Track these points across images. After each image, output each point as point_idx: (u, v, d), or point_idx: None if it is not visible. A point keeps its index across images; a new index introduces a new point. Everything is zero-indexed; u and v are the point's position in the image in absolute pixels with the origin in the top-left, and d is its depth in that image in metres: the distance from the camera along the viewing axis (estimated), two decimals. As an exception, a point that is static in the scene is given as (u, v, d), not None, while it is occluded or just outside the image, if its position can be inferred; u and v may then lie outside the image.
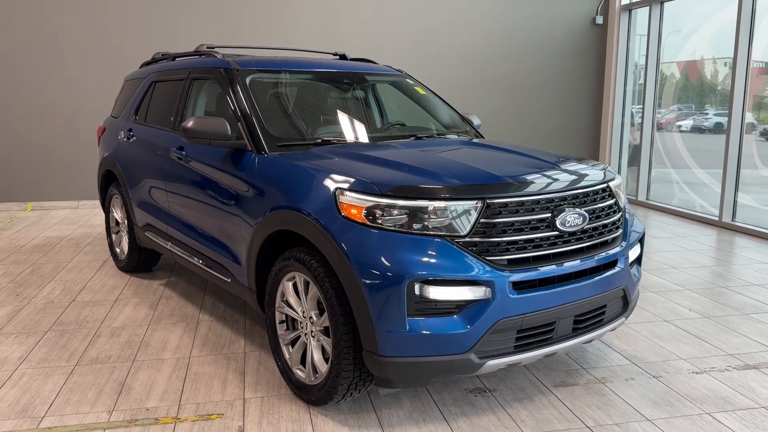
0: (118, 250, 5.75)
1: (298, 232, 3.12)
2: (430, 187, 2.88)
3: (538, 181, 3.08)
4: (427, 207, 2.82)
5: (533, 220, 2.95)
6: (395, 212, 2.82)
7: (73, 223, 7.92)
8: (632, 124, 10.24)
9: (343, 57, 5.34)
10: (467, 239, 2.82)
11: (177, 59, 5.12)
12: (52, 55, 8.66)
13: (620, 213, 3.41)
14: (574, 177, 3.25)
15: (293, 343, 3.36)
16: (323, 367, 3.12)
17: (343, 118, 4.38)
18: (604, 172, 3.45)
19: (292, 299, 3.30)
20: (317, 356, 3.16)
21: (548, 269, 2.95)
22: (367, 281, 2.76)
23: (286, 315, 3.39)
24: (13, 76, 8.60)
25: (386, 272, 2.74)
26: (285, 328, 3.41)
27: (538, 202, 2.98)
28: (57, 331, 4.25)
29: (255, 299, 3.62)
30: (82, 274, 5.62)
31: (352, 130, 4.23)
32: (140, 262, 5.49)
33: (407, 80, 4.85)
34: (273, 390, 3.41)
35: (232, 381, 3.52)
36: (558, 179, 3.17)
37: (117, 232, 5.77)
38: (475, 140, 4.30)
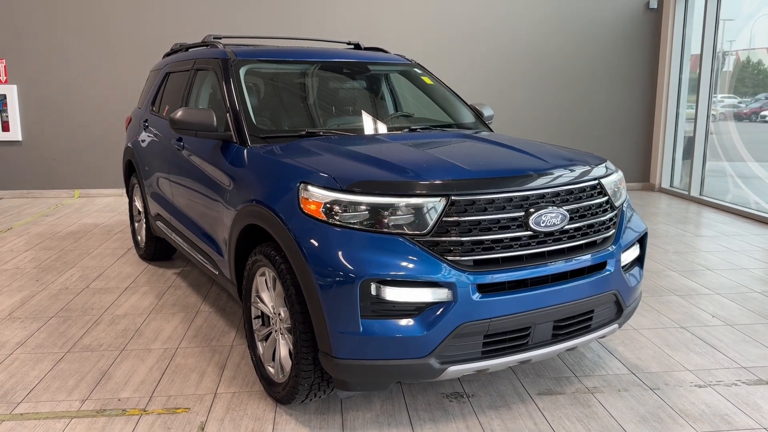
0: (139, 238, 5.86)
1: (264, 228, 3.05)
2: (390, 183, 2.74)
3: (513, 178, 2.88)
4: (387, 203, 2.69)
5: (503, 218, 2.77)
6: (353, 208, 2.71)
7: (112, 210, 8.15)
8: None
9: (357, 46, 5.22)
10: (428, 238, 2.68)
11: (190, 50, 5.13)
12: (100, 45, 8.92)
13: (613, 212, 3.17)
14: (558, 173, 3.02)
15: (267, 338, 3.30)
16: (288, 366, 3.04)
17: (338, 109, 4.28)
18: (597, 168, 3.21)
19: (264, 295, 3.24)
20: (284, 353, 3.09)
21: (519, 272, 2.77)
22: (321, 280, 2.66)
23: (262, 311, 3.33)
24: (62, 67, 8.91)
25: (340, 271, 2.63)
26: (261, 323, 3.36)
27: (510, 199, 2.80)
28: (61, 317, 4.36)
29: (236, 292, 3.59)
30: (104, 261, 5.76)
31: (344, 121, 4.12)
32: (157, 250, 5.57)
33: (415, 70, 4.69)
34: (246, 386, 3.36)
35: (209, 374, 3.50)
36: (539, 176, 2.95)
37: (138, 221, 5.88)
38: (476, 133, 4.09)
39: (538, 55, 9.58)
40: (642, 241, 3.39)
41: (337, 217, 2.72)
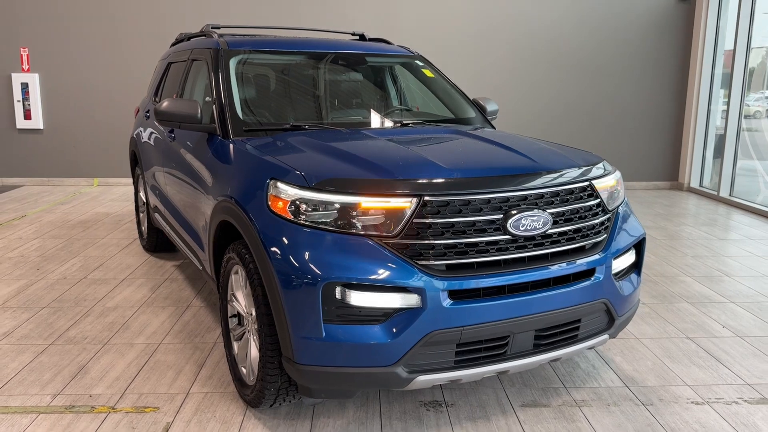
0: (143, 228, 5.84)
1: (234, 225, 2.94)
2: (358, 181, 2.61)
3: (492, 178, 2.72)
4: (354, 203, 2.55)
5: (480, 221, 2.61)
6: (321, 207, 2.58)
7: (127, 200, 8.18)
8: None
9: (362, 37, 5.07)
10: (398, 240, 2.54)
11: (191, 40, 5.05)
12: (123, 35, 8.95)
13: (605, 216, 2.97)
14: (544, 174, 2.84)
15: (242, 338, 3.20)
16: (256, 369, 2.94)
17: (330, 102, 4.15)
18: (590, 169, 3.01)
19: (238, 294, 3.14)
20: (254, 354, 2.98)
21: (495, 278, 2.61)
22: (284, 281, 2.55)
23: (237, 309, 3.23)
24: (84, 57, 8.97)
25: (302, 273, 2.51)
26: (236, 322, 3.26)
27: (488, 201, 2.63)
28: (53, 308, 4.33)
29: (217, 289, 3.50)
30: (108, 251, 5.75)
31: (335, 116, 3.98)
32: (159, 242, 5.53)
33: (416, 62, 4.53)
34: (221, 386, 3.27)
35: (186, 372, 3.42)
36: (522, 176, 2.78)
37: (143, 212, 5.85)
38: (473, 129, 3.92)
39: (562, 49, 9.28)
40: (639, 246, 3.19)
41: (303, 217, 2.60)
